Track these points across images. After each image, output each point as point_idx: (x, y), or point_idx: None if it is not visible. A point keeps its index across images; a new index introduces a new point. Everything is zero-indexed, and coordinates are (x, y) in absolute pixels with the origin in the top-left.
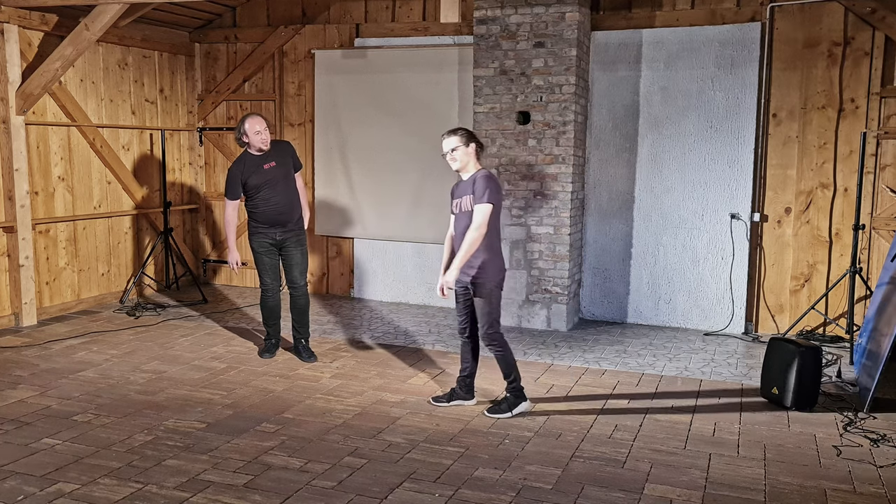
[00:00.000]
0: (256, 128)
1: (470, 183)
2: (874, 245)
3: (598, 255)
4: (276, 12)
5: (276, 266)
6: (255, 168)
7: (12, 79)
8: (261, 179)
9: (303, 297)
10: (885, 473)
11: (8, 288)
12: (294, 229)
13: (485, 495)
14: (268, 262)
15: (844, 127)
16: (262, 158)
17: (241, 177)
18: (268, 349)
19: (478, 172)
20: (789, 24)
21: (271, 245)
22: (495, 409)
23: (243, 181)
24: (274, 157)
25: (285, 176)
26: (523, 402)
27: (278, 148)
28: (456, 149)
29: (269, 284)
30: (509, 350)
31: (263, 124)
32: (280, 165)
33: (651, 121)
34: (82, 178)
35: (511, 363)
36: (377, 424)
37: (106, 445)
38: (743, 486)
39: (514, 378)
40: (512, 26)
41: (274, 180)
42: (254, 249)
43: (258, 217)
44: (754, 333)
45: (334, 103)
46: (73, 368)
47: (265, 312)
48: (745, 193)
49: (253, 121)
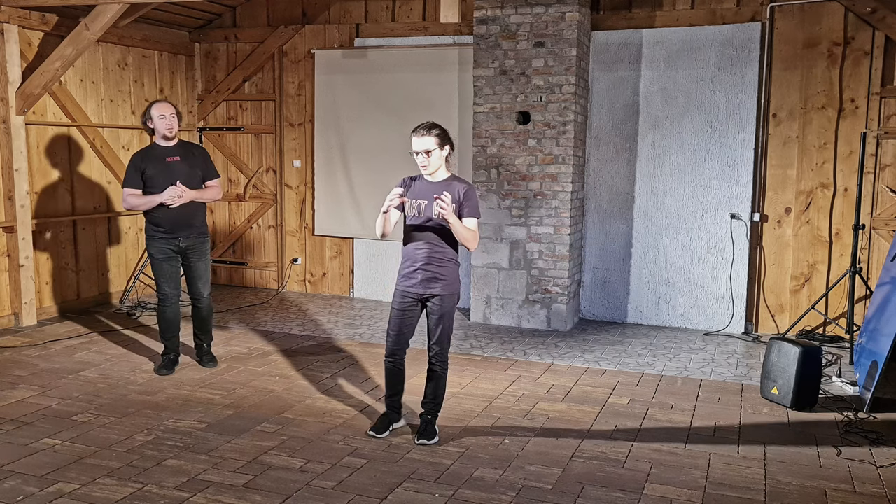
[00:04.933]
0: (161, 111)
1: (448, 188)
2: (874, 245)
3: (598, 255)
4: (276, 12)
5: (176, 274)
6: (157, 159)
7: (12, 79)
8: (159, 172)
9: (206, 308)
10: (885, 473)
11: (8, 288)
12: (197, 237)
13: (485, 495)
14: (167, 270)
15: (844, 127)
16: (168, 151)
17: (140, 164)
18: (165, 365)
19: (454, 178)
20: (789, 24)
21: (174, 252)
22: (429, 435)
23: (142, 169)
24: (181, 153)
25: (189, 176)
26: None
27: (190, 148)
28: (431, 151)
29: (168, 294)
30: (447, 373)
31: (170, 110)
32: (185, 163)
33: (651, 121)
34: (82, 178)
35: (445, 387)
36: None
37: (106, 445)
38: (743, 486)
39: (440, 403)
40: (512, 26)
41: (174, 176)
42: (152, 256)
43: (156, 219)
44: (754, 333)
45: (334, 103)
46: (73, 368)
47: (163, 325)
48: (745, 193)
49: (159, 105)
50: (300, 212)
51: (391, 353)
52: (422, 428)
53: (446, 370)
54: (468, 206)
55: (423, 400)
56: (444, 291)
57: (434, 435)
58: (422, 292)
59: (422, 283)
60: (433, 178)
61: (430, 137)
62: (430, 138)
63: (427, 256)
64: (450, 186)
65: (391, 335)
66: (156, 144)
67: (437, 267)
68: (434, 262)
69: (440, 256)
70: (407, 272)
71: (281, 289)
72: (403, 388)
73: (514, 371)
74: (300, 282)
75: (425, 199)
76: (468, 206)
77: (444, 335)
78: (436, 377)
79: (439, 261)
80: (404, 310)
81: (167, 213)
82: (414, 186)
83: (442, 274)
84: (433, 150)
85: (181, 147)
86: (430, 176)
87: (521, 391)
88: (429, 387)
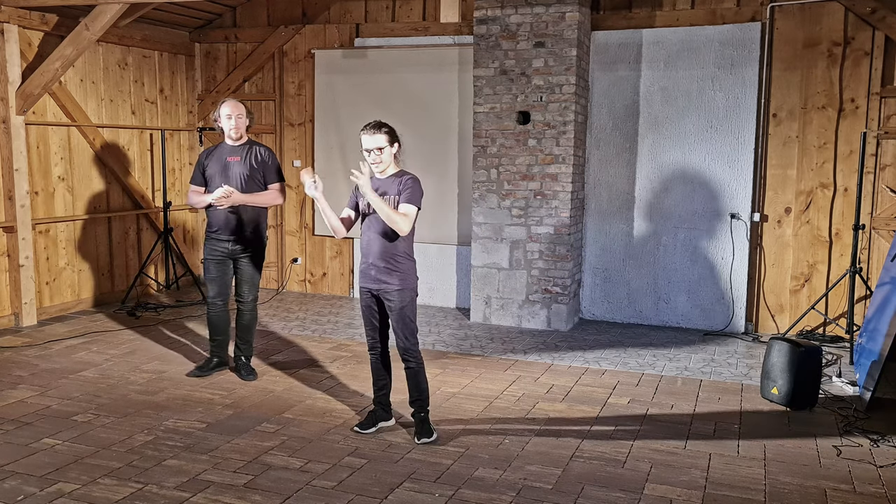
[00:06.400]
0: (227, 111)
1: (394, 182)
2: (874, 245)
3: (598, 255)
4: (277, 12)
5: (224, 279)
6: (218, 158)
7: (12, 79)
8: (217, 171)
9: (249, 313)
10: (885, 473)
11: (8, 288)
12: (250, 241)
13: (485, 495)
14: (213, 272)
15: (844, 127)
16: (232, 151)
17: (203, 162)
18: (199, 366)
19: (403, 173)
20: (789, 24)
21: (224, 256)
22: (426, 433)
23: (204, 167)
24: (243, 154)
25: (247, 178)
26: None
27: (255, 149)
28: (383, 148)
29: (214, 297)
30: (424, 367)
31: (239, 109)
32: (244, 165)
33: (651, 121)
34: (82, 178)
35: (426, 380)
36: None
37: (106, 445)
38: (743, 486)
39: (426, 398)
40: (512, 26)
41: (230, 177)
42: (203, 256)
43: (210, 219)
44: (754, 333)
45: (334, 103)
46: (73, 368)
47: (208, 328)
48: (745, 193)
49: (229, 104)
50: (300, 212)
51: (370, 348)
52: (417, 427)
53: (421, 364)
54: (405, 193)
55: (409, 399)
56: (398, 286)
57: (431, 432)
58: (376, 287)
59: (375, 278)
60: (383, 174)
61: (380, 135)
62: (380, 136)
63: (378, 252)
64: (395, 182)
65: (366, 331)
66: (224, 143)
67: (387, 262)
68: (384, 257)
69: (391, 251)
70: (363, 268)
71: (281, 289)
72: (390, 384)
73: (514, 371)
74: (300, 282)
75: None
76: (405, 194)
77: (406, 330)
78: (412, 373)
79: (390, 255)
80: (368, 305)
81: (219, 213)
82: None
83: (394, 268)
84: (384, 147)
85: (247, 147)
86: (380, 174)
87: (521, 391)
88: (409, 384)
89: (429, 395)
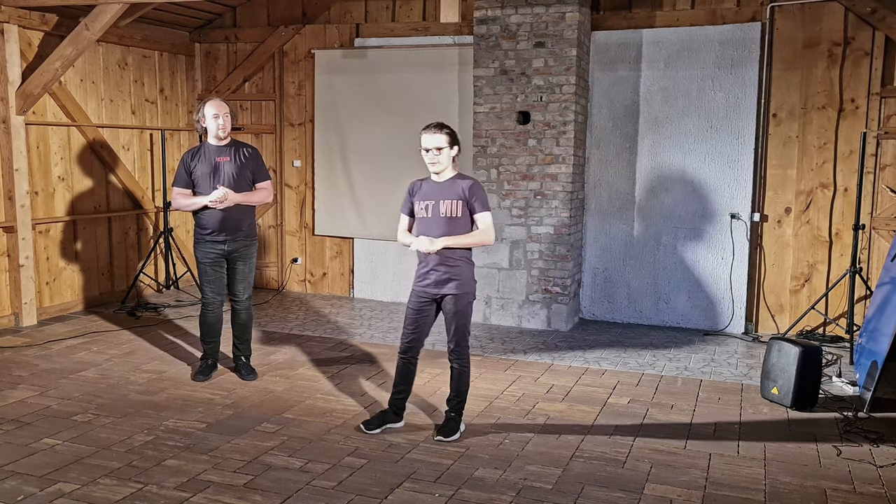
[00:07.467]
0: (213, 111)
1: (452, 187)
2: (874, 245)
3: (598, 255)
4: (277, 12)
5: (221, 279)
6: (206, 159)
7: (12, 79)
8: (207, 172)
9: (245, 312)
10: (885, 473)
11: (8, 288)
12: (244, 240)
13: (485, 495)
14: (211, 274)
15: (844, 127)
16: (219, 151)
17: (189, 164)
18: (201, 370)
19: (462, 177)
20: (789, 24)
21: (219, 255)
22: (447, 432)
23: (190, 169)
24: (231, 154)
25: (238, 177)
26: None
27: (241, 148)
28: (442, 149)
29: (211, 298)
30: (469, 370)
31: (225, 108)
32: (234, 164)
33: (651, 121)
34: (82, 179)
35: (467, 384)
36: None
37: (106, 445)
38: (743, 486)
39: (464, 400)
40: (512, 26)
41: (221, 177)
42: (197, 259)
43: (202, 221)
44: (754, 333)
45: (334, 103)
46: (73, 368)
47: (203, 329)
48: (745, 193)
49: (213, 103)
50: (300, 212)
51: (405, 351)
52: (443, 423)
53: (466, 367)
54: (477, 203)
55: (448, 397)
56: (458, 291)
57: (453, 432)
58: (435, 292)
59: (435, 283)
60: (440, 177)
61: (440, 135)
62: (440, 136)
63: (439, 257)
64: (455, 185)
65: (406, 333)
66: (207, 144)
67: (448, 267)
68: (446, 262)
69: (452, 256)
70: (421, 273)
71: (281, 289)
72: (410, 389)
73: (514, 371)
74: (300, 282)
75: (433, 199)
76: (478, 203)
77: (459, 333)
78: (455, 374)
79: (451, 261)
80: (419, 309)
81: (213, 215)
82: (421, 188)
83: (454, 274)
84: (444, 148)
85: (232, 147)
86: (437, 175)
87: (521, 391)
88: (452, 384)
89: (466, 398)
